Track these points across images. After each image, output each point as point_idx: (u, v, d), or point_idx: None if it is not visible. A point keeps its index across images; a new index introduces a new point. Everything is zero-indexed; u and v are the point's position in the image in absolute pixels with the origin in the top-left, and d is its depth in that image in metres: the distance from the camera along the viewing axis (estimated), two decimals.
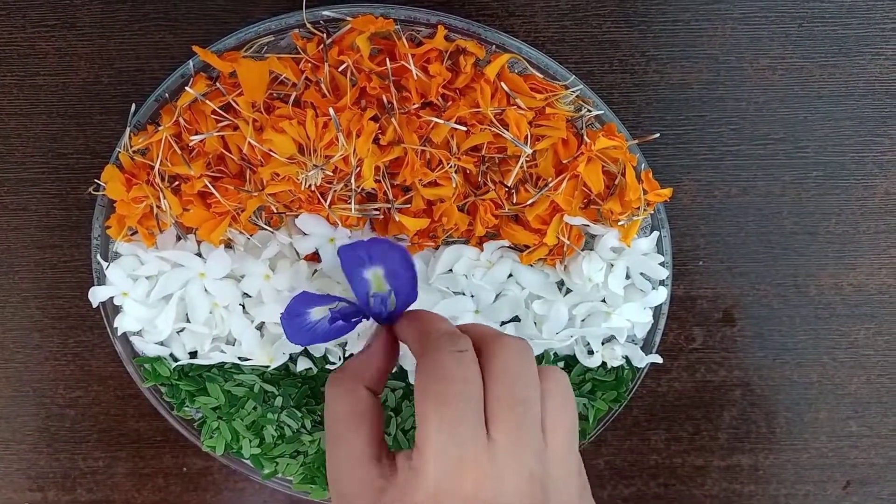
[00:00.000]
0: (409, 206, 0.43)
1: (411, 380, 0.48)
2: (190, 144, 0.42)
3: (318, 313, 0.44)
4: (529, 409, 0.33)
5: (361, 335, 0.47)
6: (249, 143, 0.40)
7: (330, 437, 0.35)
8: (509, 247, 0.46)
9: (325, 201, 0.42)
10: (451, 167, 0.41)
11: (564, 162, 0.43)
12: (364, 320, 0.42)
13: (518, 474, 0.32)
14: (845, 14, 0.49)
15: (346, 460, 0.34)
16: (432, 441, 0.31)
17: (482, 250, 0.45)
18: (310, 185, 0.41)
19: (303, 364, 0.48)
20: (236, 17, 0.48)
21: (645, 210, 0.44)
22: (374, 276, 0.42)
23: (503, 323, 0.47)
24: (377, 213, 0.43)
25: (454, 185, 0.42)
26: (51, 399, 0.59)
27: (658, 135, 0.48)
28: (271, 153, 0.40)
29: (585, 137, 0.42)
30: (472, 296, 0.46)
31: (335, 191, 0.42)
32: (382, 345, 0.38)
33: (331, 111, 0.38)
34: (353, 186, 0.41)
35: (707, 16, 0.49)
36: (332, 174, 0.41)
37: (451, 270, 0.46)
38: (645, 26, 0.49)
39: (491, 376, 0.33)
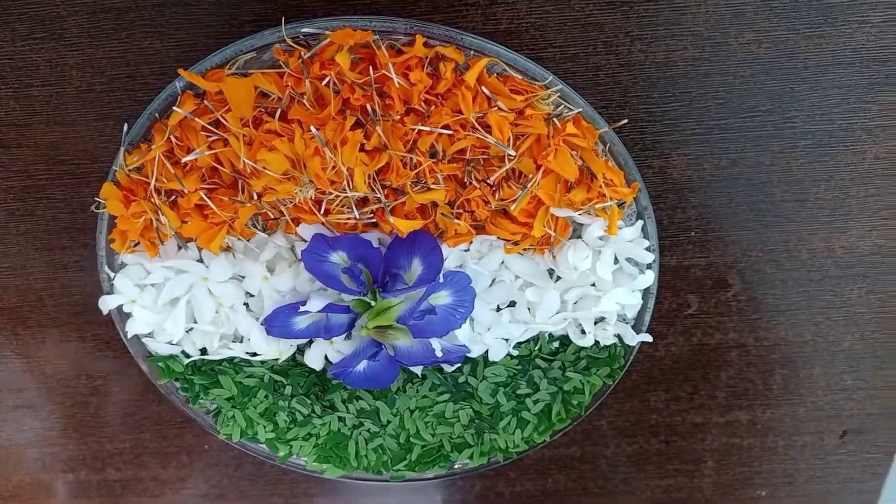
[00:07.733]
0: (402, 204, 0.44)
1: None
2: (182, 161, 0.43)
3: (303, 321, 0.46)
4: None
5: None
6: (243, 160, 0.41)
7: None
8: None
9: (320, 211, 0.43)
10: (439, 174, 0.42)
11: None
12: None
13: None
14: None
15: None
16: None
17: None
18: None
19: None
20: (220, 21, 0.49)
21: (622, 206, 0.45)
22: (338, 257, 0.43)
23: (499, 308, 0.49)
24: (371, 216, 0.44)
25: (443, 189, 0.43)
26: (74, 388, 0.62)
27: (626, 121, 0.49)
28: (265, 170, 0.41)
29: (557, 124, 0.43)
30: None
31: (328, 199, 0.43)
32: None
33: (313, 129, 0.39)
34: (350, 194, 0.42)
35: None
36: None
37: None
38: (628, 7, 0.49)
39: None
